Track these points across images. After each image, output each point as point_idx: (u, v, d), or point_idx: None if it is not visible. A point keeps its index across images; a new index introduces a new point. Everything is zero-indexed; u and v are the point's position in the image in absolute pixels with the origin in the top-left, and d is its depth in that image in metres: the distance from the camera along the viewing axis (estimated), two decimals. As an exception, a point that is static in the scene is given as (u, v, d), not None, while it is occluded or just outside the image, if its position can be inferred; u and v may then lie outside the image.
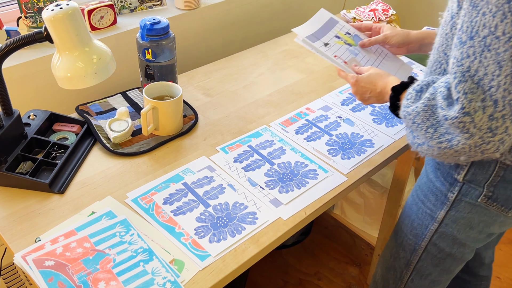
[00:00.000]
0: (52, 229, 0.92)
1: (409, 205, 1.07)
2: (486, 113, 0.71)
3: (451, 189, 0.94)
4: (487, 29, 0.69)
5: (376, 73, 1.01)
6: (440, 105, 0.76)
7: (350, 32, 1.23)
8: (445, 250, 1.01)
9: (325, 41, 1.16)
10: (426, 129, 0.80)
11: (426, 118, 0.79)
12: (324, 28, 1.20)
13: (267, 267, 1.86)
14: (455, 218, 0.95)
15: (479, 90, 0.71)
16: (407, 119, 0.84)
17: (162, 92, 1.18)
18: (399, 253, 1.09)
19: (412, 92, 0.84)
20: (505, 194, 0.88)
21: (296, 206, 1.02)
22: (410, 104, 0.83)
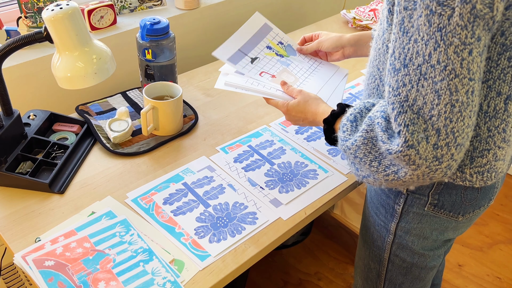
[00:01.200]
0: (52, 229, 0.92)
1: (366, 216, 1.05)
2: (430, 142, 0.68)
3: (397, 201, 0.93)
4: (421, 57, 0.66)
5: (304, 101, 0.98)
6: (380, 138, 0.73)
7: (283, 42, 1.18)
8: (407, 260, 1.00)
9: (253, 56, 1.12)
10: (369, 163, 0.77)
11: (367, 152, 0.76)
12: (256, 37, 1.15)
13: (267, 267, 1.86)
14: (407, 229, 0.95)
15: (420, 120, 0.68)
16: (348, 153, 0.80)
17: (162, 92, 1.18)
18: (370, 264, 1.08)
19: (346, 123, 0.81)
20: (450, 200, 0.87)
21: (296, 206, 1.02)
22: (347, 137, 0.80)
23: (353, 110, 0.81)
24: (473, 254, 1.99)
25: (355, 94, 1.38)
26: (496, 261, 1.97)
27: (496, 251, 2.02)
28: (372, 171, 0.77)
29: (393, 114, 0.71)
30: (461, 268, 1.94)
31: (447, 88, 0.66)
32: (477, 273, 1.92)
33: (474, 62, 0.65)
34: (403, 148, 0.69)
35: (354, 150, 0.78)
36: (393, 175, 0.74)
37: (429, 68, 0.66)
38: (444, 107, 0.66)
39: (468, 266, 1.94)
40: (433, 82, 0.66)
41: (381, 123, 0.73)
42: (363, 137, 0.76)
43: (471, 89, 0.66)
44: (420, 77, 0.67)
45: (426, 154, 0.69)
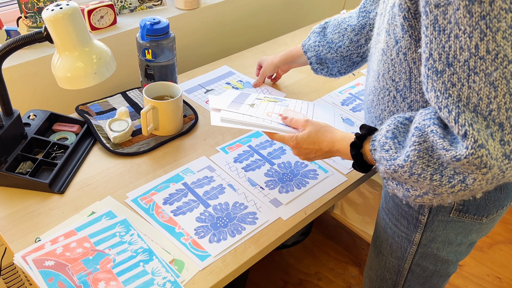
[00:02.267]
0: (52, 229, 0.92)
1: (383, 228, 1.02)
2: (496, 139, 0.63)
3: (421, 212, 0.90)
4: (466, 52, 0.63)
5: (316, 130, 0.91)
6: (441, 147, 0.67)
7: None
8: (430, 268, 0.98)
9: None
10: (430, 177, 0.69)
11: (425, 165, 0.69)
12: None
13: (267, 267, 1.86)
14: (432, 238, 0.92)
15: (479, 117, 0.64)
16: (400, 173, 0.72)
17: (162, 92, 1.18)
18: (384, 274, 1.06)
19: (387, 141, 0.74)
20: (475, 204, 0.86)
21: (296, 206, 1.02)
22: (394, 155, 0.72)
23: (388, 127, 0.75)
24: (473, 254, 1.99)
25: (355, 94, 1.38)
26: (496, 261, 1.97)
27: (496, 251, 2.02)
28: (435, 186, 0.70)
29: (451, 118, 0.65)
30: (461, 268, 1.94)
31: (503, 77, 0.62)
32: (477, 273, 1.92)
33: None
34: (474, 150, 0.63)
35: (410, 167, 0.71)
36: (460, 185, 0.68)
37: (478, 61, 0.62)
38: (503, 98, 0.63)
39: (468, 266, 1.94)
40: (485, 74, 0.62)
41: (436, 131, 0.68)
42: (417, 150, 0.70)
43: None
44: (469, 72, 0.63)
45: (496, 153, 0.64)
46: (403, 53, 0.76)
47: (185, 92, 1.35)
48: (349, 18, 1.14)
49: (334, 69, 1.18)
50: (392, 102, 0.83)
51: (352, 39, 1.13)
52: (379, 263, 1.06)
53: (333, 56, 1.16)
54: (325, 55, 1.16)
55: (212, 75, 1.44)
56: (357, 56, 1.15)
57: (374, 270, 1.09)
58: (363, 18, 1.11)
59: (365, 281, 1.17)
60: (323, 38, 1.16)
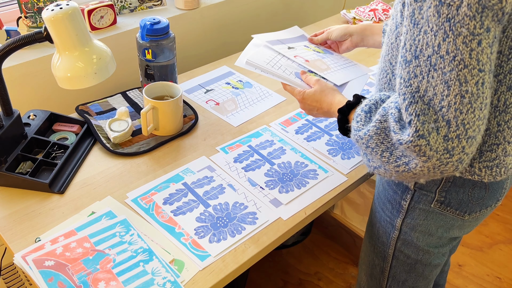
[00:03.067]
0: (52, 229, 0.92)
1: (373, 212, 1.06)
2: (441, 134, 0.68)
3: (403, 197, 0.93)
4: (430, 48, 0.67)
5: (321, 90, 0.98)
6: (392, 129, 0.73)
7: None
8: (412, 256, 1.00)
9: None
10: (381, 153, 0.76)
11: (380, 142, 0.76)
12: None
13: (267, 267, 1.86)
14: (412, 226, 0.95)
15: (430, 111, 0.68)
16: (360, 143, 0.80)
17: (162, 92, 1.18)
18: (374, 260, 1.09)
19: (361, 114, 0.80)
20: (457, 198, 0.87)
21: (296, 206, 1.02)
22: (361, 127, 0.79)
23: (368, 101, 0.81)
24: (473, 254, 1.99)
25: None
26: (496, 261, 1.97)
27: (496, 251, 2.02)
28: (383, 162, 0.77)
29: (404, 105, 0.70)
30: (461, 268, 1.94)
31: (456, 79, 0.66)
32: (477, 273, 1.92)
33: (484, 53, 0.65)
34: (413, 138, 0.68)
35: (367, 140, 0.77)
36: (404, 166, 0.74)
37: (439, 59, 0.66)
38: (453, 98, 0.66)
39: (468, 266, 1.94)
40: (442, 72, 0.66)
41: (394, 114, 0.73)
42: (376, 127, 0.76)
43: (481, 80, 0.66)
44: (430, 68, 0.67)
45: (437, 146, 0.68)
46: (400, 39, 0.79)
47: (185, 92, 1.35)
48: None
49: None
50: (387, 84, 0.86)
51: None
52: (369, 248, 1.10)
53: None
54: None
55: (212, 75, 1.44)
56: None
57: (367, 255, 1.12)
58: None
59: (360, 268, 1.19)
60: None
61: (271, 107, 1.31)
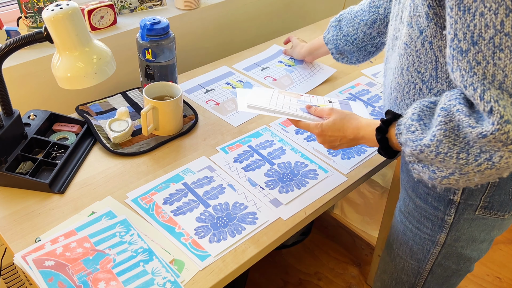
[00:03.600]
0: (52, 229, 0.92)
1: (401, 231, 1.01)
2: None
3: (447, 212, 0.90)
4: (491, 29, 0.63)
5: (341, 118, 0.92)
6: (468, 124, 0.67)
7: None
8: (452, 267, 0.98)
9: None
10: (457, 156, 0.70)
11: (452, 144, 0.70)
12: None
13: (267, 267, 1.86)
14: (457, 237, 0.92)
15: (505, 94, 0.64)
16: (426, 153, 0.73)
17: (162, 92, 1.18)
18: (401, 277, 1.05)
19: (413, 123, 0.75)
20: (499, 200, 0.86)
21: (296, 206, 1.02)
22: (420, 136, 0.74)
23: (414, 110, 0.77)
24: (473, 254, 1.99)
25: (355, 94, 1.38)
26: (496, 261, 1.97)
27: (496, 251, 2.02)
28: (461, 165, 0.70)
29: (476, 95, 0.66)
30: (461, 268, 1.94)
31: None
32: (477, 273, 1.92)
33: None
34: (500, 126, 0.64)
35: (436, 146, 0.71)
36: (487, 163, 0.68)
37: (504, 38, 0.63)
38: None
39: (468, 266, 1.94)
40: (510, 51, 0.63)
41: (462, 110, 0.68)
42: (443, 129, 0.71)
43: None
44: (494, 50, 0.64)
45: None
46: (429, 42, 0.77)
47: (185, 92, 1.35)
48: (361, 12, 1.21)
49: (353, 58, 1.28)
50: (418, 95, 0.83)
51: (366, 32, 1.21)
52: (396, 266, 1.05)
53: (350, 48, 1.25)
54: (343, 47, 1.26)
55: (212, 75, 1.44)
56: (371, 46, 1.24)
57: (389, 273, 1.08)
58: (373, 13, 1.18)
59: (376, 285, 1.15)
60: (340, 32, 1.25)
61: (271, 107, 1.31)
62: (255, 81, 1.42)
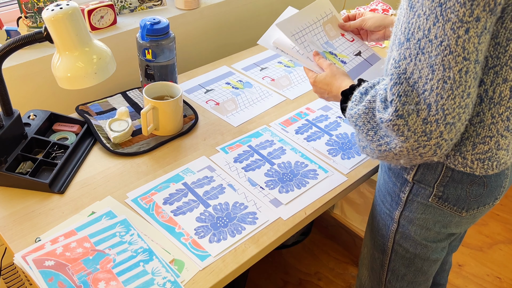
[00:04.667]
0: (52, 229, 0.92)
1: (374, 206, 1.08)
2: (420, 116, 0.70)
3: (402, 189, 0.94)
4: (421, 32, 0.69)
5: (332, 74, 1.00)
6: (377, 108, 0.76)
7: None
8: (410, 250, 1.01)
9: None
10: (367, 131, 0.80)
11: (367, 121, 0.79)
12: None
13: (267, 267, 1.86)
14: (410, 219, 0.96)
15: (413, 93, 0.70)
16: (351, 121, 0.84)
17: (162, 92, 1.18)
18: (374, 253, 1.10)
19: (356, 95, 0.84)
20: (455, 194, 0.88)
21: (296, 206, 1.02)
22: (353, 106, 0.83)
23: (366, 84, 0.84)
24: (473, 254, 1.99)
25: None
26: (496, 261, 1.97)
27: (496, 251, 2.02)
28: (368, 140, 0.80)
29: (389, 85, 0.73)
30: (461, 268, 1.94)
31: (441, 64, 0.67)
32: (477, 273, 1.92)
33: (470, 42, 0.66)
34: (392, 117, 0.71)
35: (356, 119, 0.81)
36: (385, 146, 0.77)
37: (427, 43, 0.68)
38: (436, 83, 0.68)
39: (468, 266, 1.94)
40: (429, 56, 0.68)
41: (381, 94, 0.76)
42: (365, 107, 0.79)
43: (464, 68, 0.67)
44: (418, 51, 0.69)
45: (415, 127, 0.71)
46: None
47: (185, 92, 1.35)
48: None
49: None
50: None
51: None
52: (370, 242, 1.10)
53: None
54: None
55: (212, 75, 1.44)
56: None
57: (367, 248, 1.13)
58: None
59: (361, 262, 1.19)
60: None
61: (271, 107, 1.31)
62: (254, 81, 1.42)
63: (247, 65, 1.49)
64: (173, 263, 0.88)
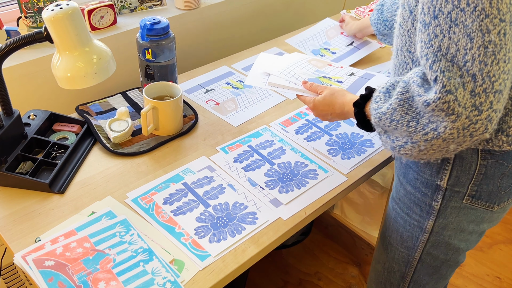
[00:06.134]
0: (52, 229, 0.92)
1: (393, 218, 1.04)
2: (467, 89, 0.67)
3: (434, 198, 0.92)
4: (450, 4, 0.67)
5: (331, 94, 0.99)
6: (417, 93, 0.72)
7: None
8: (440, 257, 0.99)
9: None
10: (407, 123, 0.75)
11: (404, 113, 0.76)
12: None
13: (267, 267, 1.86)
14: (444, 225, 0.94)
15: (454, 67, 0.68)
16: (383, 121, 0.79)
17: (162, 92, 1.18)
18: (392, 266, 1.07)
19: (379, 95, 0.81)
20: (487, 190, 0.87)
21: (296, 206, 1.02)
22: (381, 105, 0.80)
23: (385, 84, 0.82)
24: (473, 254, 1.99)
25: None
26: (496, 261, 1.97)
27: (496, 251, 2.02)
28: (410, 132, 0.75)
29: (427, 65, 0.70)
30: (461, 268, 1.94)
31: (479, 30, 0.66)
32: (477, 273, 1.92)
33: (503, 2, 0.65)
34: (441, 94, 0.68)
35: (390, 114, 0.77)
36: (433, 133, 0.72)
37: (459, 13, 0.66)
38: (477, 50, 0.66)
39: (468, 266, 1.94)
40: (464, 26, 0.66)
41: (416, 81, 0.73)
42: (399, 99, 0.76)
43: (502, 30, 0.66)
44: (451, 24, 0.68)
45: (465, 102, 0.67)
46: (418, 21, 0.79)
47: (185, 92, 1.35)
48: None
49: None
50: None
51: None
52: (388, 255, 1.07)
53: (389, 32, 1.29)
54: (383, 31, 1.30)
55: (212, 75, 1.44)
56: None
57: (381, 263, 1.10)
58: None
59: (371, 276, 1.17)
60: (381, 16, 1.30)
61: (271, 107, 1.31)
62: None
63: (247, 65, 1.49)
64: (173, 263, 0.88)
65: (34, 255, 0.86)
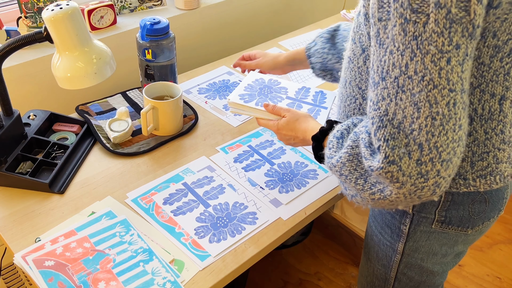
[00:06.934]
0: (52, 229, 0.92)
1: (369, 235, 1.01)
2: (413, 158, 0.64)
3: (402, 221, 0.89)
4: (397, 69, 0.63)
5: (295, 119, 0.95)
6: (363, 155, 0.69)
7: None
8: (415, 278, 0.97)
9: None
10: (355, 180, 0.72)
11: (353, 169, 0.72)
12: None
13: (267, 267, 1.86)
14: (415, 248, 0.91)
15: (401, 134, 0.64)
16: (333, 171, 0.76)
17: (162, 92, 1.18)
18: (374, 281, 1.05)
19: (333, 140, 0.78)
20: (458, 216, 0.84)
21: (296, 206, 1.02)
22: (333, 154, 0.76)
23: (340, 127, 0.78)
24: (473, 254, 1.99)
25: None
26: (496, 261, 1.97)
27: (496, 251, 2.02)
28: (358, 190, 0.73)
29: (372, 129, 0.67)
30: (461, 268, 1.94)
31: (426, 100, 0.62)
32: (477, 273, 1.92)
33: (454, 72, 0.61)
34: (384, 165, 0.65)
35: (340, 168, 0.74)
36: (379, 194, 0.70)
37: (407, 80, 0.63)
38: (424, 121, 0.63)
39: (468, 266, 1.94)
40: (411, 94, 0.63)
41: (364, 139, 0.70)
42: (348, 154, 0.73)
43: (452, 100, 0.62)
44: (398, 89, 0.64)
45: (410, 171, 0.64)
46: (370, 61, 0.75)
47: (185, 92, 1.35)
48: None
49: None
50: (358, 109, 0.83)
51: None
52: (368, 270, 1.06)
53: (339, 67, 1.13)
54: (333, 64, 1.12)
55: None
56: None
57: (364, 276, 1.08)
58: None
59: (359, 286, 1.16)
60: (333, 47, 1.12)
61: (271, 107, 1.31)
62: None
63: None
64: (173, 263, 0.88)
65: (34, 255, 0.86)
